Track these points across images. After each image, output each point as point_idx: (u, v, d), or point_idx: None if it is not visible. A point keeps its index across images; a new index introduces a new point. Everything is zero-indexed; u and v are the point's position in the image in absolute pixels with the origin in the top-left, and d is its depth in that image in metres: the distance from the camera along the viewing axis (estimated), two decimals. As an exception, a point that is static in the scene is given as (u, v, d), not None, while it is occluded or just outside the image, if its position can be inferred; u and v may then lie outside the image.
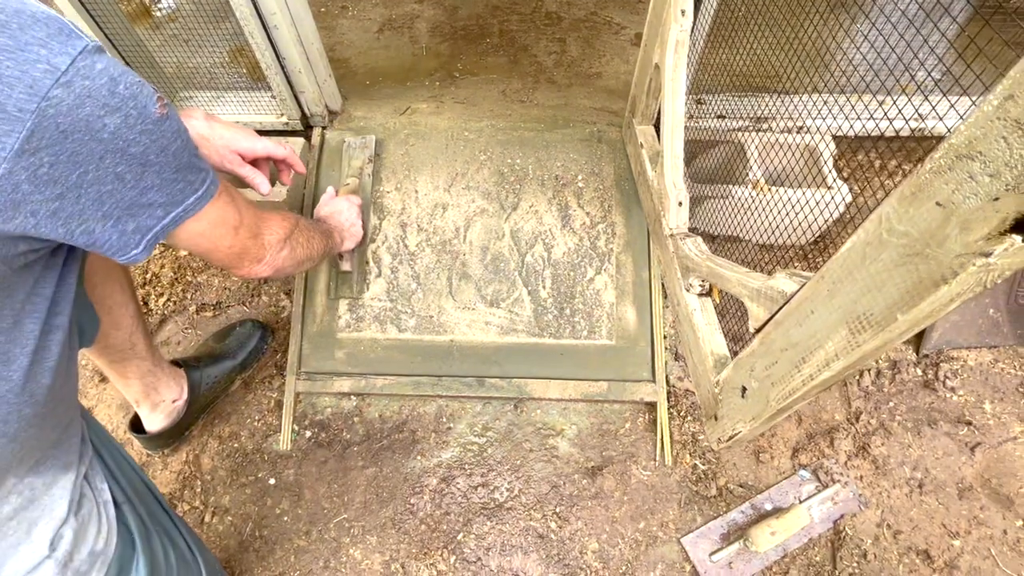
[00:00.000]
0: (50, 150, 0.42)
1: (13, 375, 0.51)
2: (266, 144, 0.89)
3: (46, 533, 0.58)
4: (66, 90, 0.41)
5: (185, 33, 1.22)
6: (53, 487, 0.59)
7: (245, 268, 0.71)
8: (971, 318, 1.28)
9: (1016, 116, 0.36)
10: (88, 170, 0.45)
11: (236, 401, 1.25)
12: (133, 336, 0.97)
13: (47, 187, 0.43)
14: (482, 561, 1.08)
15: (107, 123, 0.44)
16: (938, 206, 0.43)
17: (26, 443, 0.55)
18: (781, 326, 0.69)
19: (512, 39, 1.70)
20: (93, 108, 0.43)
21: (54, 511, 0.59)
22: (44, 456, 0.59)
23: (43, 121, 0.41)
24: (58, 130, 0.42)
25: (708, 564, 1.07)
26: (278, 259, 0.75)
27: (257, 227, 0.70)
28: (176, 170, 0.52)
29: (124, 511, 0.70)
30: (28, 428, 0.55)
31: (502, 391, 1.20)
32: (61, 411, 0.61)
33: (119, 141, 0.45)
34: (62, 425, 0.62)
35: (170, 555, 0.75)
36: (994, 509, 1.12)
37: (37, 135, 0.41)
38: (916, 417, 1.22)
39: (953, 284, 0.43)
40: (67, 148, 0.43)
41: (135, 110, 0.46)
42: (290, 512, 1.13)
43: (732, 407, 0.86)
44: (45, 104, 0.40)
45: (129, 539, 0.69)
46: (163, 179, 0.51)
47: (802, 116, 1.32)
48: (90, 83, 0.43)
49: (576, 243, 1.28)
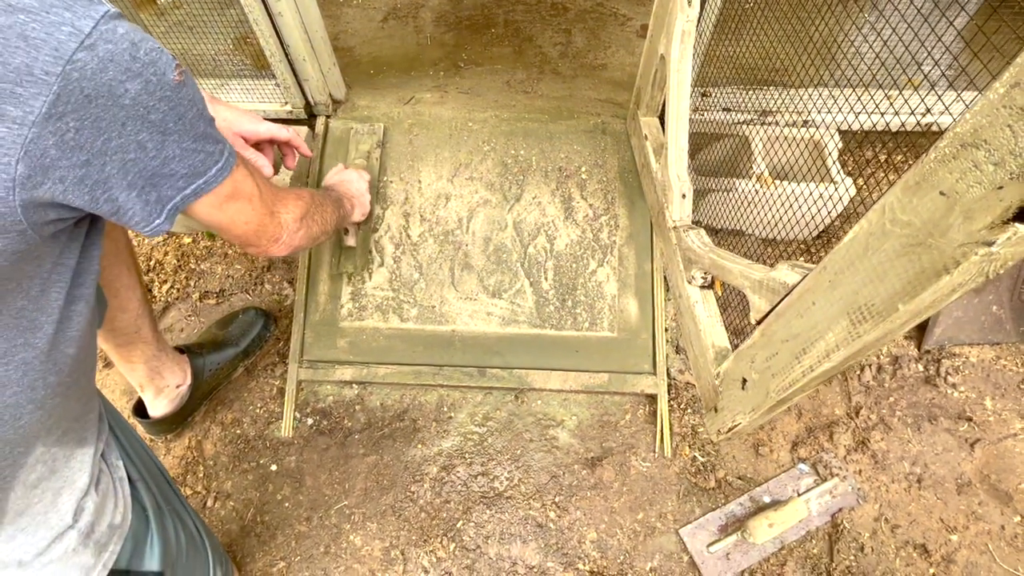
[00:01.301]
0: (75, 115, 0.42)
1: (39, 342, 0.52)
2: (269, 127, 0.89)
3: (70, 503, 0.60)
4: (90, 53, 0.41)
5: (190, 20, 1.22)
6: (73, 459, 0.61)
7: (263, 246, 0.70)
8: (974, 314, 1.28)
9: (1022, 104, 0.36)
10: (111, 136, 0.45)
11: (239, 388, 1.26)
12: (139, 320, 0.97)
13: (74, 153, 0.43)
14: (481, 549, 1.09)
15: (128, 88, 0.44)
16: (942, 195, 0.43)
17: (53, 412, 0.57)
18: (782, 317, 0.69)
19: (517, 29, 1.69)
20: (115, 72, 0.43)
21: (75, 482, 0.61)
22: (68, 428, 0.60)
23: (68, 85, 0.40)
24: (83, 94, 0.41)
25: (706, 555, 1.07)
26: (295, 239, 0.74)
27: (274, 204, 0.69)
28: (195, 139, 0.52)
29: (139, 488, 0.72)
30: (54, 397, 0.56)
31: (503, 381, 1.21)
32: (83, 383, 0.62)
33: (139, 107, 0.45)
34: (84, 398, 0.63)
35: (180, 535, 0.77)
36: (992, 505, 1.12)
37: (63, 99, 0.41)
38: (916, 413, 1.22)
39: (955, 274, 0.43)
40: (91, 113, 0.43)
41: (155, 76, 0.46)
42: (291, 498, 1.14)
43: (732, 399, 0.86)
44: (70, 68, 0.40)
45: (143, 516, 0.71)
46: (183, 148, 0.51)
47: (808, 110, 1.31)
48: (113, 47, 0.42)
49: (579, 235, 1.28)
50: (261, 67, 1.31)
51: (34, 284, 0.50)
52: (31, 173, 0.42)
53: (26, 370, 0.52)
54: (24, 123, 0.40)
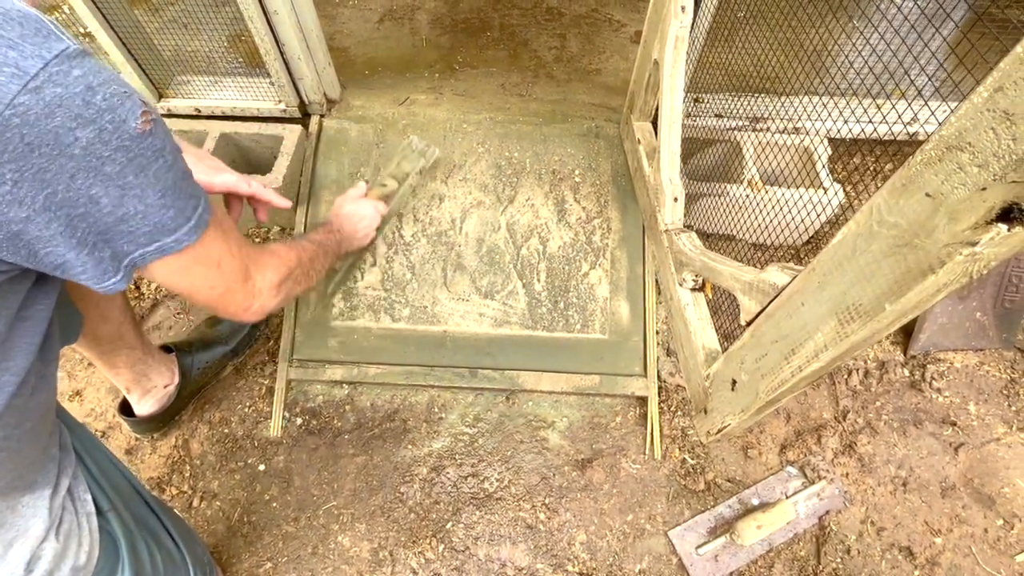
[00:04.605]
0: (13, 164, 0.37)
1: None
2: (226, 180, 0.80)
3: (23, 553, 0.55)
4: (34, 96, 0.37)
5: (184, 17, 1.22)
6: (24, 507, 0.56)
7: (230, 313, 0.63)
8: (958, 321, 1.30)
9: (1004, 107, 0.37)
10: (57, 191, 0.40)
11: (227, 387, 1.24)
12: (122, 327, 0.95)
13: (10, 208, 0.39)
14: (470, 550, 1.09)
15: (78, 136, 0.39)
16: (927, 197, 0.44)
17: (3, 464, 0.52)
18: (772, 318, 0.69)
19: (512, 33, 1.70)
20: (64, 119, 0.38)
21: (28, 531, 0.56)
22: (20, 474, 0.55)
23: (6, 132, 0.36)
24: (23, 142, 0.37)
25: (694, 557, 1.08)
26: (270, 305, 0.67)
27: (249, 269, 0.62)
28: (162, 194, 0.46)
29: (109, 518, 0.68)
30: (2, 451, 0.51)
31: (494, 382, 1.21)
32: (40, 427, 0.57)
33: (91, 158, 0.40)
34: (40, 441, 0.57)
35: (156, 558, 0.73)
36: (976, 508, 1.14)
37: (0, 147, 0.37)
38: (902, 417, 1.24)
39: (940, 274, 0.44)
40: (33, 163, 0.38)
41: (111, 124, 0.41)
42: (279, 498, 1.13)
43: (722, 400, 0.87)
44: (10, 112, 0.36)
45: (113, 548, 0.67)
46: (147, 205, 0.45)
47: (799, 117, 1.33)
48: (62, 91, 0.38)
49: (572, 237, 1.29)
50: (255, 65, 1.31)
51: None
52: None
53: None
54: None
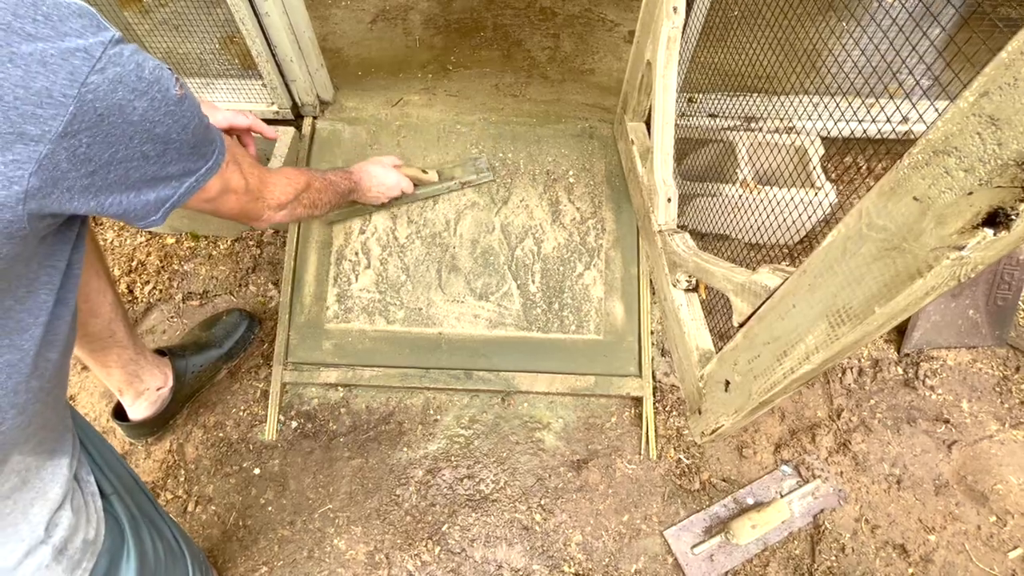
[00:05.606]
0: (88, 132, 0.46)
1: (25, 344, 0.53)
2: (226, 115, 0.88)
3: (42, 515, 0.59)
4: (101, 76, 0.45)
5: (175, 18, 1.21)
6: (44, 470, 0.60)
7: (244, 221, 0.78)
8: (951, 319, 1.31)
9: (990, 112, 0.37)
10: (119, 149, 0.49)
11: (222, 391, 1.24)
12: (112, 324, 0.96)
13: (83, 165, 0.47)
14: (467, 552, 1.09)
15: (136, 106, 0.48)
16: (915, 201, 0.44)
17: (33, 419, 0.57)
18: (764, 320, 0.70)
19: (506, 33, 1.70)
20: (124, 92, 0.47)
21: (47, 494, 0.60)
22: (44, 437, 0.60)
23: (83, 105, 0.44)
24: (96, 113, 0.45)
25: (690, 556, 1.08)
26: (275, 217, 0.82)
27: (260, 191, 0.76)
28: (194, 145, 0.57)
29: (113, 502, 0.70)
30: (35, 403, 0.56)
31: (490, 384, 1.21)
32: (59, 392, 0.62)
33: (146, 123, 0.50)
34: (60, 407, 0.63)
35: (158, 546, 0.75)
36: (969, 505, 1.15)
37: (79, 118, 0.45)
38: (896, 415, 1.25)
39: (928, 277, 0.44)
40: (103, 130, 0.47)
41: (159, 93, 0.50)
42: (274, 502, 1.13)
43: (716, 401, 0.87)
44: (84, 90, 0.44)
45: (118, 531, 0.69)
46: (181, 154, 0.56)
47: (791, 117, 1.33)
48: (120, 69, 0.46)
49: (566, 238, 1.29)
50: (248, 67, 1.30)
51: (21, 285, 0.52)
52: (42, 185, 0.45)
53: (10, 372, 0.52)
54: (42, 140, 0.43)
